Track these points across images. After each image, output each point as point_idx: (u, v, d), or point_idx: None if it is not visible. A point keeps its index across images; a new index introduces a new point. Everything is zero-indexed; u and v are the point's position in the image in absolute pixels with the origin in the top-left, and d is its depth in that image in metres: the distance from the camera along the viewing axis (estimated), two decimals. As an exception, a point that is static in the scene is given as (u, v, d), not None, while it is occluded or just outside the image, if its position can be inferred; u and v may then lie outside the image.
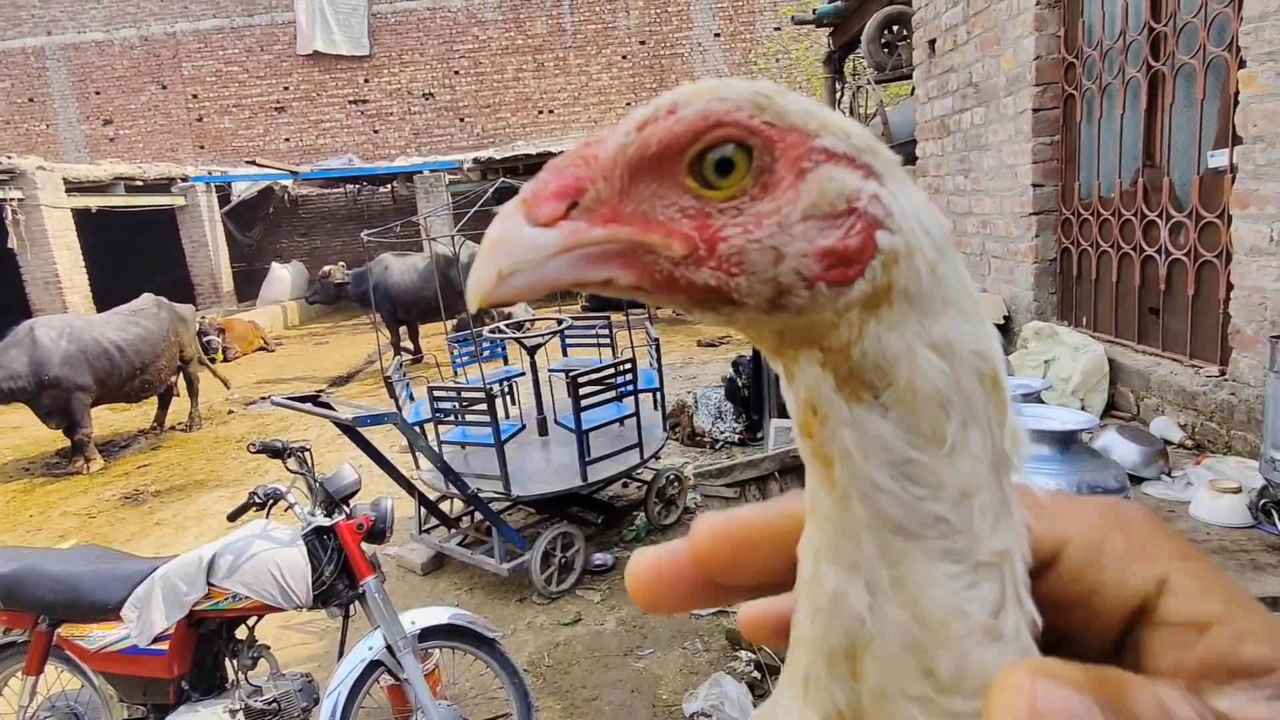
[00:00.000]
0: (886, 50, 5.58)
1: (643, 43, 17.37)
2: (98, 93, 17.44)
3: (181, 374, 7.86)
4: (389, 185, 17.12)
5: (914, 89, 4.70)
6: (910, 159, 4.84)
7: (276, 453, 2.51)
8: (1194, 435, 2.39)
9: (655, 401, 4.66)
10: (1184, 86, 2.50)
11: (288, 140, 17.65)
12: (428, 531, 4.29)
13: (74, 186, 11.82)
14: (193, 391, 8.06)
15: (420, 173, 14.82)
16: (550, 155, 14.82)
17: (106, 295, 10.61)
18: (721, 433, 5.50)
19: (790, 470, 3.16)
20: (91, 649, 2.41)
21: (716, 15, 17.27)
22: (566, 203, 0.20)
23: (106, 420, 8.60)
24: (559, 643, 3.46)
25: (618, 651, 3.35)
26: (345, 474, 2.57)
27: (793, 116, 0.20)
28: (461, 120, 17.68)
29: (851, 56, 7.12)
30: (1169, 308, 2.64)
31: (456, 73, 17.47)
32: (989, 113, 3.59)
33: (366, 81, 17.53)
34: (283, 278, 15.32)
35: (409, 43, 17.35)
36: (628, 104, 17.61)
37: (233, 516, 2.62)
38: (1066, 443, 1.68)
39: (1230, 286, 2.24)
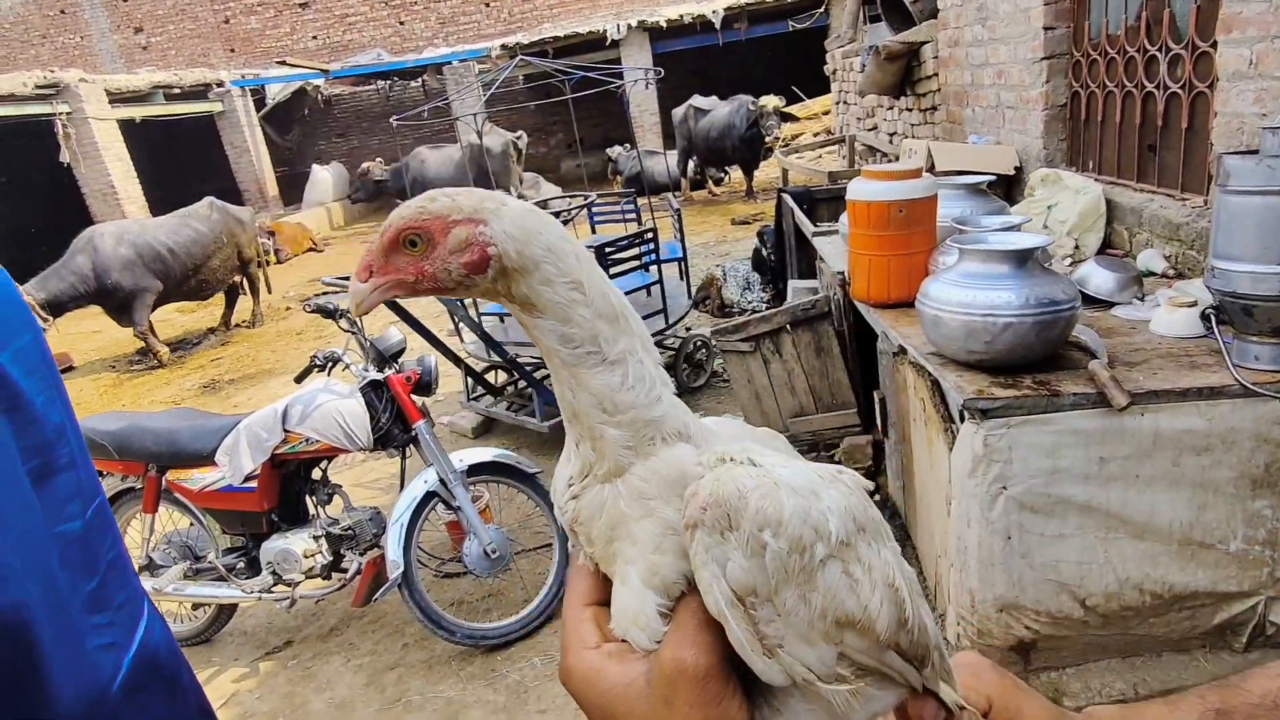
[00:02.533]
0: (913, -106, 5.30)
1: (669, -94, 16.36)
2: (125, 0, 17.39)
3: (244, 274, 8.31)
4: (420, 79, 16.95)
5: (939, -65, 4.53)
6: (934, 12, 4.72)
7: (329, 313, 2.82)
8: (1176, 265, 2.51)
9: (680, 272, 4.86)
10: (1188, -90, 2.46)
11: (315, 38, 17.46)
12: (475, 399, 4.67)
13: (116, 97, 12.08)
14: (254, 290, 8.54)
15: (449, 63, 14.65)
16: (578, 36, 14.46)
17: (161, 205, 11.06)
18: (750, 302, 5.70)
19: (802, 323, 3.36)
20: (195, 489, 2.85)
21: None
22: (368, 271, 0.43)
23: (177, 321, 9.21)
24: (596, 488, 3.84)
25: (648, 493, 3.71)
26: (392, 334, 2.88)
27: (438, 210, 0.42)
28: (488, 5, 17.18)
29: (881, -96, 6.72)
30: (1165, 143, 2.69)
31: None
32: (1006, -45, 3.51)
33: (385, -31, 17.04)
34: (324, 179, 15.59)
35: (425, -77, 16.69)
36: (657, -25, 16.79)
37: (299, 378, 2.98)
38: (1022, 261, 1.85)
39: (1215, 115, 2.29)
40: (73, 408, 1.01)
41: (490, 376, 4.83)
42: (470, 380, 4.57)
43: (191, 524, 3.06)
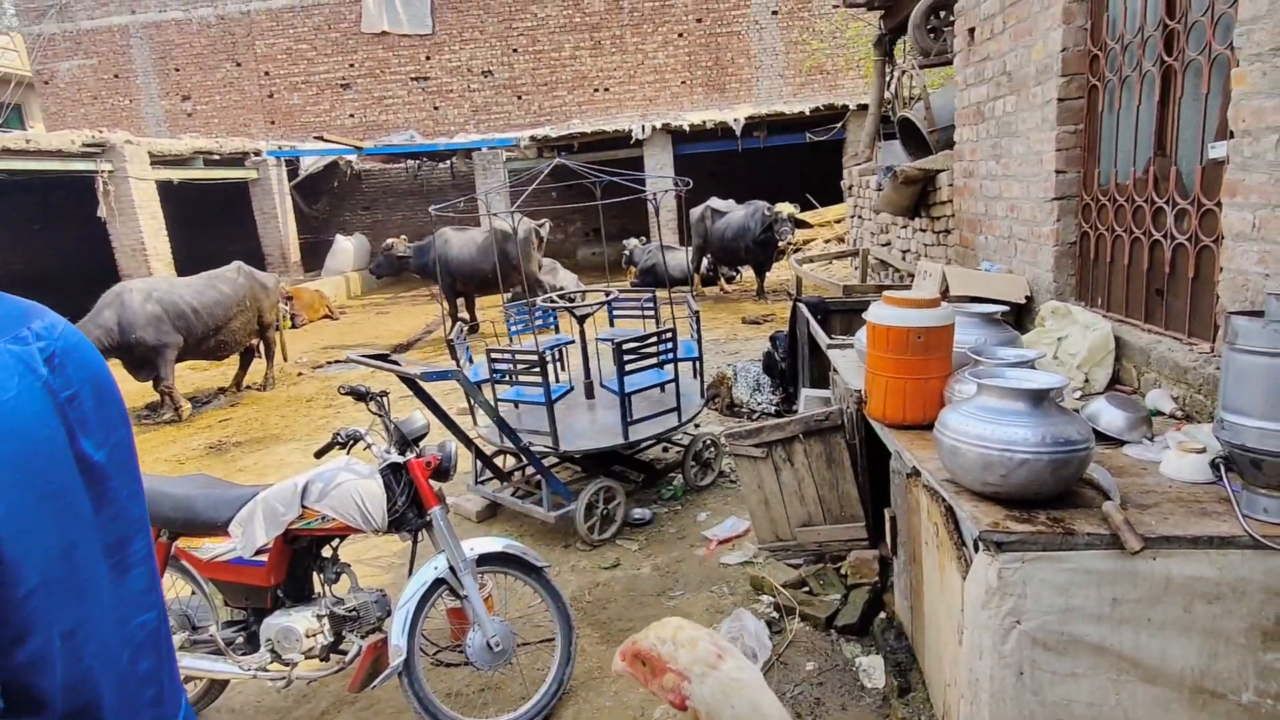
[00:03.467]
0: (932, 35, 5.69)
1: (699, 20, 17.42)
2: (177, 69, 18.32)
3: (262, 337, 8.46)
4: (448, 161, 17.64)
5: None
6: (949, 143, 4.99)
7: (361, 396, 2.90)
8: (1184, 407, 2.58)
9: (694, 371, 4.96)
10: (1192, 81, 2.65)
11: (352, 116, 18.29)
12: (482, 483, 4.69)
13: (157, 160, 12.57)
14: (269, 354, 8.67)
15: (479, 149, 15.26)
16: (604, 134, 15.12)
17: (186, 263, 11.34)
18: (759, 404, 5.78)
19: (814, 433, 3.42)
20: (204, 559, 2.85)
21: (774, -7, 17.21)
22: (625, 657, 0.64)
23: (188, 379, 9.29)
24: (599, 583, 3.82)
25: (652, 592, 3.69)
26: (416, 419, 2.94)
27: (662, 654, 0.59)
28: (519, 98, 18.05)
29: (901, 40, 7.19)
30: (1172, 289, 2.82)
31: (515, 50, 17.81)
32: (1020, 101, 3.75)
33: (428, 59, 18.01)
34: (346, 249, 16.01)
35: (470, 20, 17.74)
36: (683, 82, 17.74)
37: (319, 454, 3.02)
38: (1038, 400, 1.93)
39: (1220, 270, 2.42)
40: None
41: (499, 461, 4.86)
42: (479, 463, 4.61)
43: (194, 593, 3.05)
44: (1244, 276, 2.30)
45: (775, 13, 17.25)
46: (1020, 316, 3.73)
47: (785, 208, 10.44)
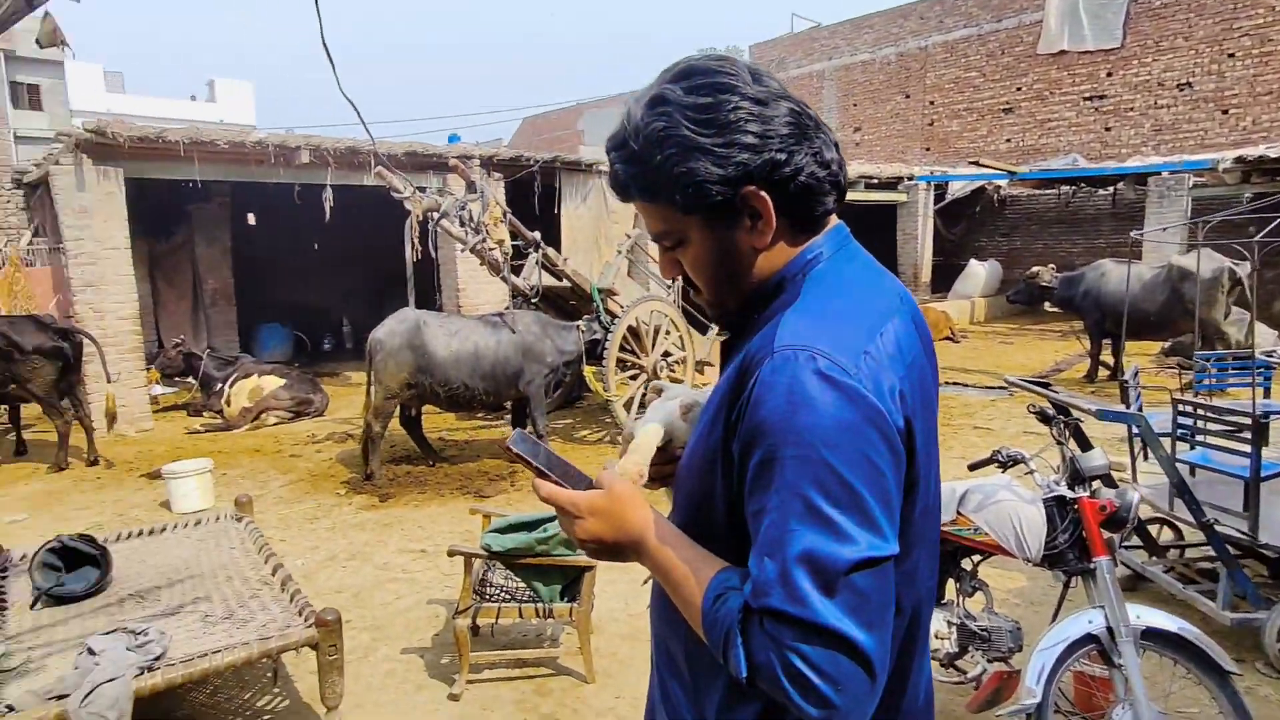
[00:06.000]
0: None
1: None
2: (855, 104, 20.66)
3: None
4: (1111, 187, 15.77)
5: None
6: None
7: (1047, 420, 2.80)
8: None
9: None
10: None
11: (1009, 141, 17.86)
12: (1128, 548, 4.06)
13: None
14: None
15: (1157, 174, 13.23)
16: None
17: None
18: None
19: None
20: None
21: None
22: None
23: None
24: (1292, 725, 2.93)
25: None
26: (1097, 456, 2.69)
27: None
28: (1224, 112, 14.99)
29: None
30: None
31: (1231, 55, 14.80)
32: None
33: (1108, 75, 16.37)
34: (978, 274, 15.81)
35: (1173, 26, 15.43)
36: None
37: (973, 466, 3.02)
38: None
39: None
40: None
41: (1153, 531, 4.16)
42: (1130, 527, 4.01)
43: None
44: None
45: None
46: None
47: None
